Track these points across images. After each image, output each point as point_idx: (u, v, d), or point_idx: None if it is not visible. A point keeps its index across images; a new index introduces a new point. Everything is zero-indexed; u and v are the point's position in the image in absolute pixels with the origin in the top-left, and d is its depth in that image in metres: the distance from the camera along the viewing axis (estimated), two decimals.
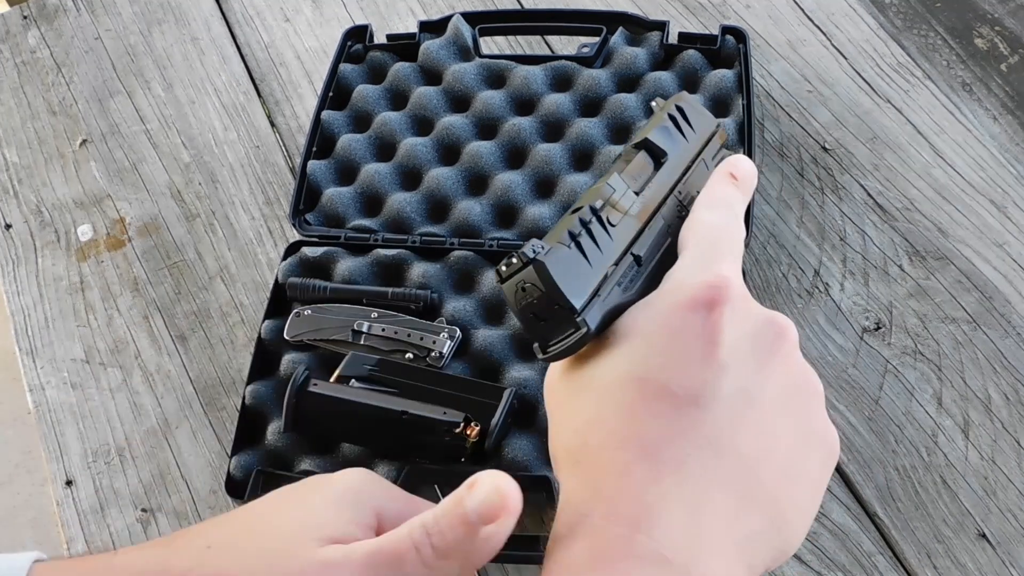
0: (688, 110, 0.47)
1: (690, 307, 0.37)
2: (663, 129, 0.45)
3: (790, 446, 0.37)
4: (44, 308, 0.83)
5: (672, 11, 0.94)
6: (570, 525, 0.36)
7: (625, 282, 0.40)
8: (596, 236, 0.40)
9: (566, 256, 0.38)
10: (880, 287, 0.75)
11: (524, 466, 0.66)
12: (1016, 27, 0.88)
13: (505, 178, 0.79)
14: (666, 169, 0.45)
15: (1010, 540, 0.64)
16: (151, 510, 0.72)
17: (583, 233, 0.39)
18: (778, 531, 0.36)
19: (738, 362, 0.36)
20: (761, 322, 0.38)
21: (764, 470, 0.36)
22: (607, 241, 0.40)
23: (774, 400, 0.37)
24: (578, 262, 0.38)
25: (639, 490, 0.35)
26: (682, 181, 0.45)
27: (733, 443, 0.36)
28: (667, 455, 0.35)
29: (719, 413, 0.36)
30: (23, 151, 0.93)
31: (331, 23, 0.98)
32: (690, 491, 0.35)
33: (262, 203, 0.87)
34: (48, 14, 1.03)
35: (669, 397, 0.36)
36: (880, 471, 0.68)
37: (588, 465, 0.37)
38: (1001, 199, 0.78)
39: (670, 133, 0.46)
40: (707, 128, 0.47)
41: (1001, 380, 0.70)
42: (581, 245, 0.39)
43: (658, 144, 0.45)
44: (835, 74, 0.87)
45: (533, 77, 0.84)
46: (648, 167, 0.44)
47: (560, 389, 0.40)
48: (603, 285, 0.39)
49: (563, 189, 0.78)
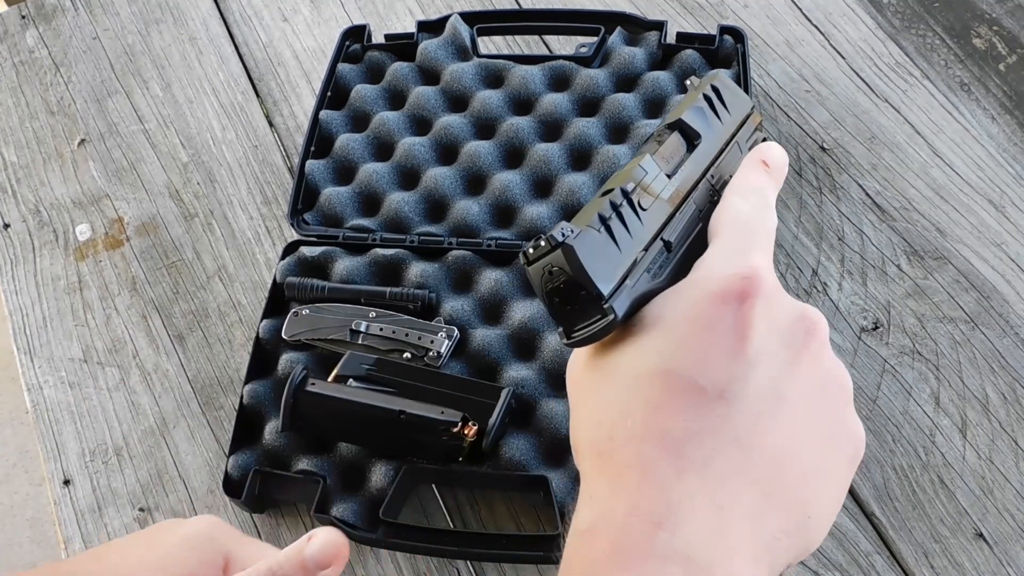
0: (723, 90, 0.44)
1: (721, 299, 0.36)
2: (697, 110, 0.43)
3: (818, 445, 0.36)
4: (42, 307, 0.83)
5: (670, 11, 0.94)
6: (591, 520, 0.35)
7: (655, 268, 0.39)
8: (627, 220, 0.38)
9: (595, 240, 0.37)
10: (878, 287, 0.75)
11: (521, 465, 0.66)
12: (1014, 27, 0.88)
13: (503, 178, 0.79)
14: (700, 152, 0.42)
15: (1007, 539, 0.64)
16: (148, 509, 0.72)
17: (613, 217, 0.38)
18: (801, 531, 0.36)
19: (768, 357, 0.36)
20: (793, 316, 0.37)
21: (791, 469, 0.35)
22: (637, 226, 0.39)
23: (803, 397, 0.36)
24: (607, 247, 0.37)
25: (663, 487, 0.34)
26: (715, 164, 0.43)
27: (761, 441, 0.35)
28: (693, 452, 0.34)
29: (747, 410, 0.35)
30: (21, 151, 0.93)
31: (329, 23, 0.98)
32: (715, 489, 0.34)
33: (260, 203, 0.87)
34: (46, 14, 1.03)
35: (696, 392, 0.35)
36: (878, 471, 0.68)
37: (611, 459, 0.36)
38: (999, 199, 0.79)
39: (704, 114, 0.43)
40: (742, 110, 0.45)
41: (999, 380, 0.70)
42: (611, 229, 0.37)
43: (692, 125, 0.43)
44: (833, 74, 0.87)
45: (531, 77, 0.84)
46: (681, 149, 0.42)
47: (584, 379, 0.39)
48: (632, 271, 0.38)
49: (561, 189, 0.78)
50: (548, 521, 0.67)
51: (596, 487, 0.36)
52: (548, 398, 0.69)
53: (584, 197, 0.77)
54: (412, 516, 0.69)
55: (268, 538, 0.69)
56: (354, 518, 0.65)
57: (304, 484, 0.67)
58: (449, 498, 0.70)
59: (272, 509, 0.70)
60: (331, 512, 0.65)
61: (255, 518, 0.70)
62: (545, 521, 0.68)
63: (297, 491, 0.68)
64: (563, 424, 0.67)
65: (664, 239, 0.40)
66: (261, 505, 0.69)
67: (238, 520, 0.70)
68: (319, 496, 0.65)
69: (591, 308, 0.36)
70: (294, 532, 0.69)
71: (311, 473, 0.67)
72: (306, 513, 0.70)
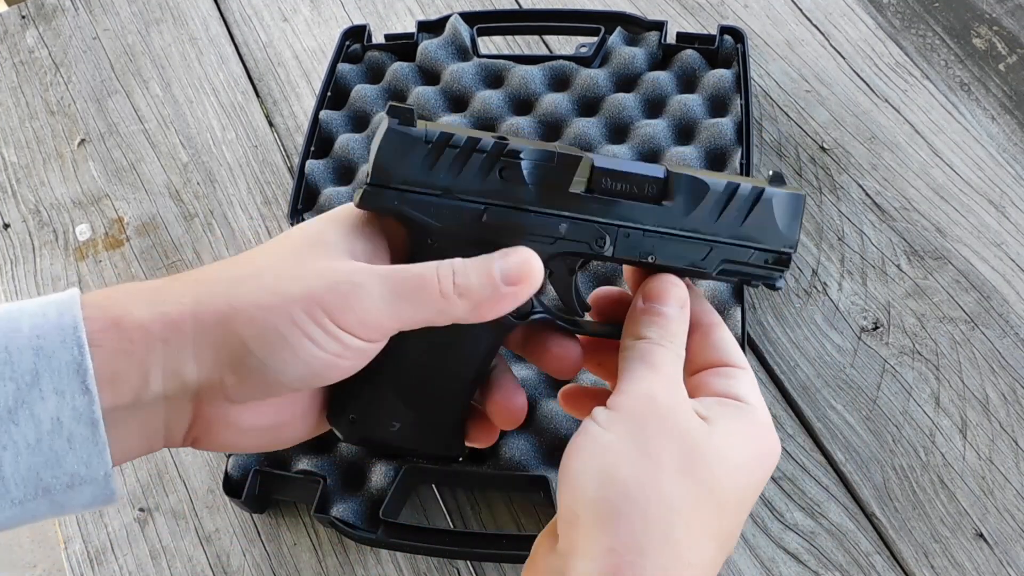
0: (776, 206, 0.47)
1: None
2: (706, 183, 0.46)
3: (751, 487, 0.43)
4: None
5: (670, 11, 0.94)
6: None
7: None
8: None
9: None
10: (878, 287, 0.75)
11: (521, 465, 0.66)
12: (1014, 27, 0.88)
13: None
14: (650, 209, 0.46)
15: (1008, 540, 0.64)
16: (148, 509, 0.72)
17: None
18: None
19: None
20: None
21: (737, 515, 0.42)
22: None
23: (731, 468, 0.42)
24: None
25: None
26: (660, 235, 0.46)
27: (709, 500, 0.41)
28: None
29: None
30: (21, 151, 0.93)
31: (329, 23, 0.98)
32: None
33: (260, 203, 0.87)
34: (46, 14, 1.03)
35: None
36: (878, 471, 0.68)
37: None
38: (999, 199, 0.79)
39: (707, 194, 0.46)
40: (771, 242, 0.47)
41: (999, 380, 0.70)
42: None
43: (675, 185, 0.46)
44: (833, 74, 0.87)
45: (531, 77, 0.84)
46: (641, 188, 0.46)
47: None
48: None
49: None
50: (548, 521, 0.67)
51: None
52: (548, 398, 0.69)
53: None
54: (412, 516, 0.69)
55: (268, 538, 0.69)
56: (354, 518, 0.65)
57: (304, 484, 0.67)
58: (449, 498, 0.70)
59: (272, 509, 0.70)
60: (331, 512, 0.65)
61: (255, 518, 0.70)
62: (545, 521, 0.67)
63: (297, 491, 0.68)
64: (563, 424, 0.67)
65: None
66: (261, 505, 0.69)
67: (238, 520, 0.70)
68: (319, 496, 0.65)
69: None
70: (294, 532, 0.69)
71: (311, 473, 0.67)
72: (306, 513, 0.70)
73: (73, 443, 0.38)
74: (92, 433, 0.38)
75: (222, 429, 0.43)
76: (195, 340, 0.40)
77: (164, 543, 0.70)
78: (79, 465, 0.39)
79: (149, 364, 0.40)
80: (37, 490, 0.38)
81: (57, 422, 0.38)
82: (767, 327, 0.74)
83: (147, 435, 0.42)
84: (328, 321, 0.41)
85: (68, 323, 0.38)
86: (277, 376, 0.41)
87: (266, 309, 0.41)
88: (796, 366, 0.72)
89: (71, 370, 0.38)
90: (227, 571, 0.68)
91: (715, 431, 0.41)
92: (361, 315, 0.42)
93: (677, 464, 0.40)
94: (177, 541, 0.70)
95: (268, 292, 0.41)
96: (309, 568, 0.68)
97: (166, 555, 0.69)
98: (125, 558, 0.70)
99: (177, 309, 0.41)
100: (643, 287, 0.46)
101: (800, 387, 0.71)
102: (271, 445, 0.47)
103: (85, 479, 0.39)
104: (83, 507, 0.40)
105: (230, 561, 0.69)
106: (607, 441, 0.41)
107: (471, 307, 0.43)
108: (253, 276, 0.42)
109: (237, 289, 0.42)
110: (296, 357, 0.41)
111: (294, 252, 0.43)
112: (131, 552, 0.70)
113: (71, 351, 0.38)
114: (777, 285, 0.47)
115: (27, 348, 0.38)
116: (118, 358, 0.39)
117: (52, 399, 0.38)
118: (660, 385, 0.43)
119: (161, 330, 0.40)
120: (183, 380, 0.41)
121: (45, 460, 0.38)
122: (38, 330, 0.38)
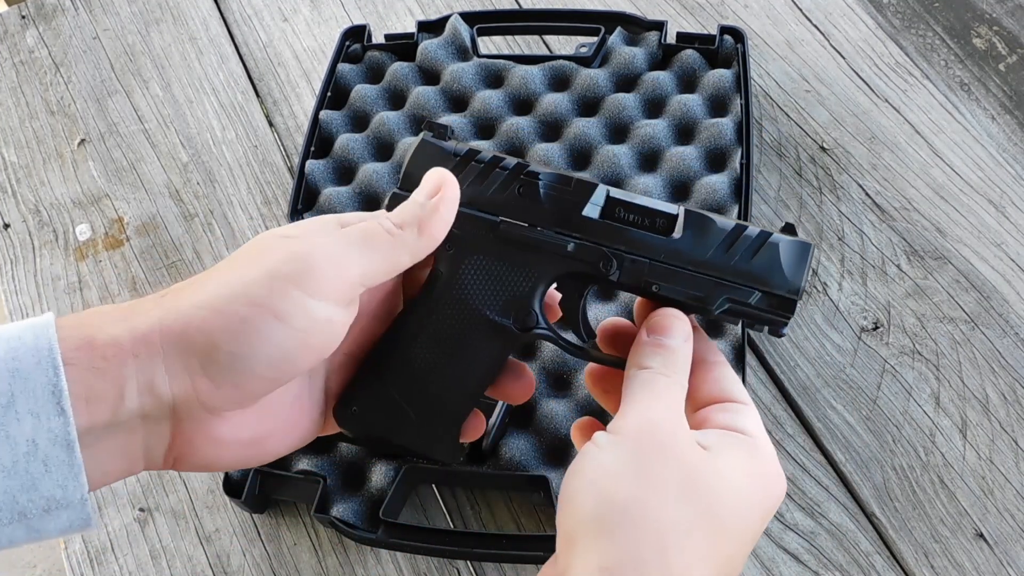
0: (782, 251, 0.47)
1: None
2: (717, 222, 0.47)
3: (753, 515, 0.42)
4: (42, 308, 0.83)
5: (670, 11, 0.94)
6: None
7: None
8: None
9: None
10: (878, 287, 0.75)
11: (521, 465, 0.66)
12: (1014, 27, 0.88)
13: None
14: (659, 242, 0.48)
15: (1008, 540, 0.64)
16: (148, 509, 0.72)
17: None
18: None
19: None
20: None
21: (739, 543, 0.42)
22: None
23: (739, 492, 0.42)
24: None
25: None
26: (666, 265, 0.47)
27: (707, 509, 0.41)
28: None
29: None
30: (21, 151, 0.93)
31: (329, 23, 0.98)
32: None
33: (260, 203, 0.87)
34: (46, 13, 1.03)
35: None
36: (878, 471, 0.68)
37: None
38: (999, 199, 0.79)
39: (714, 233, 0.47)
40: (774, 285, 0.47)
41: (999, 380, 0.70)
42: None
43: (685, 223, 0.47)
44: (833, 74, 0.87)
45: (531, 77, 0.84)
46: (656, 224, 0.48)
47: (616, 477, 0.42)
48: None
49: None
50: (548, 521, 0.67)
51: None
52: (548, 398, 0.69)
53: None
54: (412, 516, 0.69)
55: (268, 538, 0.69)
56: (354, 518, 0.65)
57: (304, 484, 0.67)
58: (449, 498, 0.70)
59: (272, 509, 0.70)
60: (331, 512, 0.65)
61: (255, 518, 0.70)
62: (545, 521, 0.68)
63: (297, 491, 0.68)
64: (563, 424, 0.67)
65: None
66: (261, 505, 0.69)
67: (238, 520, 0.70)
68: (319, 496, 0.65)
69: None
70: (294, 532, 0.69)
71: (311, 473, 0.67)
72: (306, 513, 0.70)
73: (49, 466, 0.38)
74: (68, 455, 0.38)
75: (203, 445, 0.43)
76: (163, 349, 0.40)
77: (164, 543, 0.70)
78: (55, 488, 0.38)
79: (123, 379, 0.40)
80: (13, 514, 0.38)
81: (33, 444, 0.38)
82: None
83: (126, 456, 0.42)
84: (292, 289, 0.41)
85: (43, 345, 0.38)
86: (249, 367, 0.41)
87: (227, 299, 0.41)
88: (796, 366, 0.72)
89: (46, 391, 0.38)
90: (227, 571, 0.68)
91: (715, 459, 0.42)
92: (321, 275, 0.42)
93: (675, 487, 0.40)
94: (177, 541, 0.70)
95: (228, 283, 0.42)
96: (309, 568, 0.68)
97: (166, 555, 0.69)
98: (125, 558, 0.70)
99: (145, 322, 0.41)
100: (647, 321, 0.47)
101: (800, 387, 0.71)
102: (254, 460, 0.47)
103: (61, 503, 0.39)
104: (60, 532, 0.40)
105: (230, 561, 0.69)
106: (606, 462, 0.41)
107: (416, 231, 0.45)
108: (213, 275, 0.43)
109: (199, 290, 0.42)
110: (264, 340, 0.41)
111: (258, 250, 0.44)
112: (131, 552, 0.70)
113: (46, 372, 0.38)
114: (782, 332, 0.47)
115: (3, 371, 0.38)
116: (92, 376, 0.39)
117: (28, 421, 0.38)
118: (661, 411, 0.43)
119: (132, 344, 0.40)
120: (158, 393, 0.40)
121: (21, 483, 0.38)
122: (14, 352, 0.38)
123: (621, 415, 0.43)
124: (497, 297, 0.48)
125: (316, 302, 0.42)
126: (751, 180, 0.75)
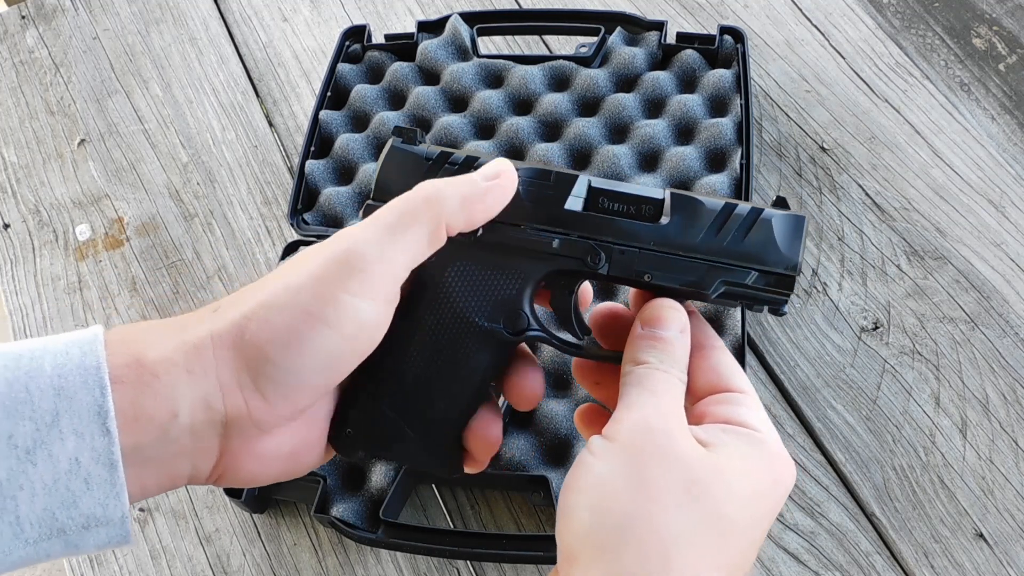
0: (776, 227, 0.45)
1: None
2: (703, 202, 0.46)
3: (760, 513, 0.41)
4: (42, 307, 0.83)
5: (670, 11, 0.94)
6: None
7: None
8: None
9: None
10: (878, 287, 0.75)
11: (521, 465, 0.66)
12: (1014, 27, 0.88)
13: None
14: (647, 228, 0.46)
15: (1007, 540, 0.64)
16: (149, 509, 0.72)
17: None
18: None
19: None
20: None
21: (746, 541, 0.41)
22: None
23: (743, 492, 0.41)
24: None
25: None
26: (654, 252, 0.46)
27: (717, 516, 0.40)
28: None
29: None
30: (21, 151, 0.93)
31: (329, 23, 0.98)
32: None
33: (260, 203, 0.87)
34: (46, 14, 1.03)
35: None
36: (878, 471, 0.68)
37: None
38: (999, 199, 0.79)
39: (703, 214, 0.45)
40: (772, 263, 0.46)
41: (999, 380, 0.70)
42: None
43: (673, 204, 0.45)
44: (833, 74, 0.87)
45: (531, 77, 0.84)
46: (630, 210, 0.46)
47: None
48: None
49: None
50: (548, 521, 0.67)
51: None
52: (548, 398, 0.69)
53: None
54: (412, 516, 0.69)
55: (268, 538, 0.69)
56: (354, 518, 0.65)
57: (304, 484, 0.67)
58: (449, 498, 0.70)
59: (272, 509, 0.70)
60: (331, 512, 0.65)
61: (255, 518, 0.70)
62: (545, 521, 0.68)
63: (297, 491, 0.68)
64: (563, 424, 0.67)
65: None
66: (261, 505, 0.69)
67: (238, 520, 0.70)
68: (319, 496, 0.65)
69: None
70: (294, 532, 0.69)
71: (311, 473, 0.67)
72: (306, 513, 0.70)
73: (90, 484, 0.38)
74: (110, 475, 0.38)
75: (247, 460, 0.42)
76: (217, 364, 0.40)
77: (164, 543, 0.70)
78: (95, 506, 0.38)
79: (176, 396, 0.39)
80: (52, 530, 0.38)
81: (75, 462, 0.37)
82: (767, 327, 0.74)
83: (170, 473, 0.41)
84: (340, 294, 0.40)
85: (91, 363, 0.38)
86: (300, 378, 0.41)
87: (275, 308, 0.40)
88: (796, 366, 0.72)
89: (92, 412, 0.37)
90: (227, 571, 0.68)
91: (718, 458, 0.41)
92: (366, 270, 0.41)
93: (675, 493, 0.39)
94: (177, 541, 0.70)
95: (275, 292, 0.41)
96: (309, 568, 0.68)
97: (166, 555, 0.69)
98: (125, 558, 0.70)
99: (196, 335, 0.40)
100: (641, 312, 0.46)
101: (800, 387, 0.71)
102: (292, 473, 0.46)
103: (101, 520, 0.38)
104: (97, 547, 0.39)
105: (230, 561, 0.69)
106: (602, 473, 0.40)
107: (459, 204, 0.43)
108: (260, 286, 0.42)
109: (247, 299, 0.41)
110: (315, 349, 0.40)
111: (304, 256, 0.43)
112: (131, 552, 0.70)
113: (93, 392, 0.38)
114: (782, 310, 0.46)
115: (48, 388, 0.37)
116: (141, 393, 0.39)
117: (71, 440, 0.37)
118: (658, 412, 0.42)
119: (185, 360, 0.40)
120: (213, 410, 0.40)
121: (61, 500, 0.37)
122: (60, 370, 0.38)
123: (616, 419, 0.42)
124: (485, 302, 0.46)
125: (364, 303, 0.41)
126: (751, 180, 0.75)
